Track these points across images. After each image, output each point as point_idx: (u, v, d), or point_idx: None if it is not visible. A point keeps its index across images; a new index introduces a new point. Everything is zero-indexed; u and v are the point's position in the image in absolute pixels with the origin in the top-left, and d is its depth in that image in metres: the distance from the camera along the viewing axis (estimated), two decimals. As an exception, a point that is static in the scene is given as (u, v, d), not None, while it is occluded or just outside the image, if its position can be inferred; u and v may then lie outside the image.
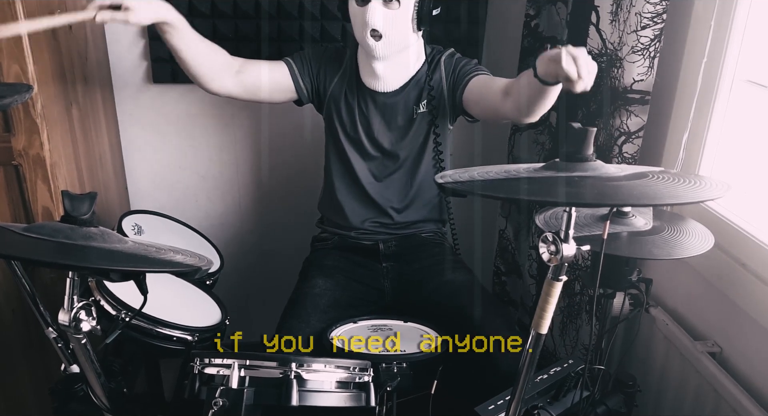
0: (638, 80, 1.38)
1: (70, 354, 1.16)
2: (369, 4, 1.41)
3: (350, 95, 1.59)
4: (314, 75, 1.59)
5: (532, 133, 1.82)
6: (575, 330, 1.67)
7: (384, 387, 1.17)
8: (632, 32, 1.34)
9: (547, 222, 1.16)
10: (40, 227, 0.93)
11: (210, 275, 1.58)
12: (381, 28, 1.42)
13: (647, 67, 1.36)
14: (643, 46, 1.34)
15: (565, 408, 1.25)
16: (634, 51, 1.35)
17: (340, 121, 1.61)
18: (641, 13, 1.32)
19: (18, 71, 1.31)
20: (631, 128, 1.42)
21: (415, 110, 1.58)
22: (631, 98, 1.39)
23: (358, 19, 1.45)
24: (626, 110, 1.41)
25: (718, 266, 1.32)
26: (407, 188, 1.66)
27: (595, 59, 1.45)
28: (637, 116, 1.40)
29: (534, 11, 1.75)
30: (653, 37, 1.33)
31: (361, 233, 1.69)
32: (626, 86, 1.39)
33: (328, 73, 1.60)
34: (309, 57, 1.60)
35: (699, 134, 1.38)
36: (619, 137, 1.43)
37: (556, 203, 1.05)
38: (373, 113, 1.59)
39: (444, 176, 0.92)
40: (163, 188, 2.09)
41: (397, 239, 1.69)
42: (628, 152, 1.43)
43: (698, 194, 0.86)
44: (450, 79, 1.56)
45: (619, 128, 1.43)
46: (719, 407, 1.27)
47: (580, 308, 1.63)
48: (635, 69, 1.37)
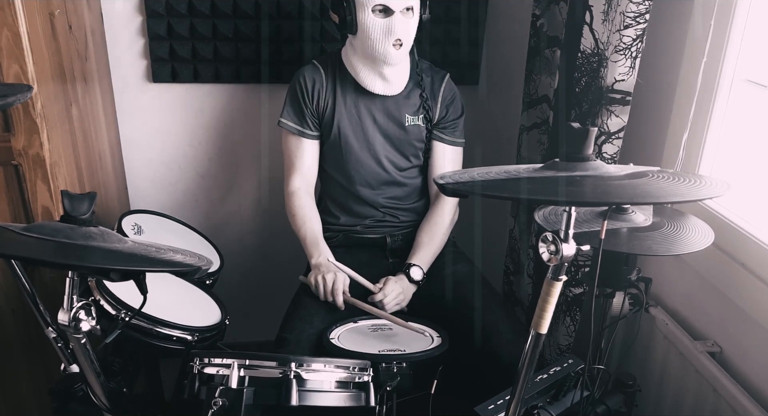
0: (619, 80, 1.36)
1: (69, 354, 1.16)
2: (393, 15, 1.47)
3: (344, 103, 1.62)
4: (314, 112, 1.63)
5: (536, 133, 1.82)
6: (556, 330, 1.68)
7: (384, 386, 1.17)
8: (616, 32, 1.33)
9: (546, 219, 1.15)
10: (40, 226, 0.93)
11: (210, 275, 1.58)
12: (404, 37, 1.49)
13: (629, 68, 1.35)
14: (625, 45, 1.33)
15: (565, 407, 1.25)
16: (617, 50, 1.34)
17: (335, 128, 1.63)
18: (625, 12, 1.30)
19: (18, 71, 1.31)
20: (611, 129, 1.40)
21: (407, 118, 1.63)
22: (612, 98, 1.38)
23: (377, 30, 1.48)
24: (607, 110, 1.40)
25: (717, 266, 1.32)
26: (404, 190, 1.70)
27: (588, 59, 1.46)
28: (617, 117, 1.39)
29: (540, 11, 1.75)
30: (635, 37, 1.32)
31: (367, 227, 1.70)
32: (608, 86, 1.38)
33: (321, 96, 1.62)
34: (296, 105, 1.63)
35: (699, 134, 1.38)
36: (599, 137, 1.42)
37: (557, 202, 1.05)
38: (370, 115, 1.62)
39: (444, 176, 0.92)
40: (163, 188, 2.09)
41: (403, 235, 1.72)
42: (608, 152, 1.42)
43: (698, 192, 0.86)
44: (441, 111, 1.66)
45: (600, 128, 1.42)
46: (719, 407, 1.27)
47: (558, 309, 1.64)
48: (617, 69, 1.35)
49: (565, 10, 1.60)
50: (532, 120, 1.84)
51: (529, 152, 1.87)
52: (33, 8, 1.32)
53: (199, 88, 1.97)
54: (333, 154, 1.66)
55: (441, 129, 1.67)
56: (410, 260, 1.61)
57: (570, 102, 1.54)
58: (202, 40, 1.87)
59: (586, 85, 1.48)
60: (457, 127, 1.68)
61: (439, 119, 1.66)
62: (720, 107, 1.34)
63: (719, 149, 1.38)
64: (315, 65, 1.64)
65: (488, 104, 2.06)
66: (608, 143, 1.42)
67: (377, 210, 1.69)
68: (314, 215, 1.67)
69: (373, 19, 1.48)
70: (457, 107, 1.68)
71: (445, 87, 1.66)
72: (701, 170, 1.40)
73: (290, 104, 1.64)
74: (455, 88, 1.69)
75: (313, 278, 1.54)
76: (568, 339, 1.65)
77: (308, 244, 1.61)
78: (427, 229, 1.67)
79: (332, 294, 1.51)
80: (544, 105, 1.78)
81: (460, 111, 1.69)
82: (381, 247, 1.71)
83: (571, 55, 1.52)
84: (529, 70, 1.84)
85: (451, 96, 1.67)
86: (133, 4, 1.84)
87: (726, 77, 1.32)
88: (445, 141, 1.68)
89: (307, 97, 1.61)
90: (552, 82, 1.69)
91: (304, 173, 1.66)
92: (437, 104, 1.65)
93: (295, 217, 1.65)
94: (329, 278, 1.51)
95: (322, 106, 1.62)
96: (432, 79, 1.65)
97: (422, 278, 1.59)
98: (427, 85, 1.64)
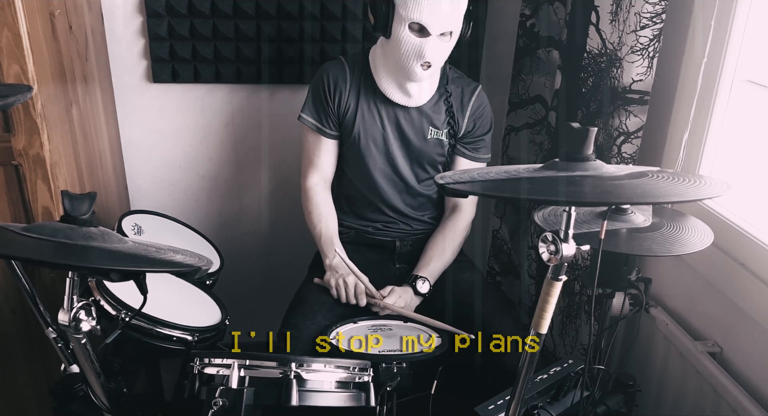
0: (637, 80, 1.37)
1: (70, 354, 1.16)
2: (429, 38, 1.42)
3: (367, 107, 1.58)
4: (335, 111, 1.59)
5: (528, 133, 1.82)
6: (575, 329, 1.67)
7: (384, 387, 1.17)
8: (631, 32, 1.34)
9: (546, 219, 1.15)
10: (40, 227, 0.93)
11: (210, 275, 1.58)
12: (434, 60, 1.45)
13: (646, 68, 1.36)
14: (642, 46, 1.34)
15: (565, 408, 1.25)
16: (633, 51, 1.35)
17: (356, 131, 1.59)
18: (640, 13, 1.32)
19: (18, 71, 1.31)
20: (630, 128, 1.41)
21: (431, 130, 1.59)
22: (630, 98, 1.39)
23: (409, 47, 1.43)
24: (625, 110, 1.40)
25: (717, 266, 1.32)
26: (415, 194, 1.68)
27: (594, 59, 1.46)
28: (636, 116, 1.40)
29: (530, 11, 1.75)
30: (652, 37, 1.33)
31: (378, 230, 1.69)
32: (625, 86, 1.39)
33: (342, 98, 1.58)
34: (318, 103, 1.59)
35: (699, 134, 1.38)
36: (618, 137, 1.43)
37: (557, 202, 1.05)
38: (392, 122, 1.59)
39: (444, 176, 0.92)
40: (163, 188, 2.09)
41: (413, 240, 1.70)
42: (627, 152, 1.43)
43: (698, 192, 0.86)
44: (468, 124, 1.61)
45: (618, 128, 1.43)
46: (719, 407, 1.27)
47: (579, 308, 1.63)
48: (634, 69, 1.36)
49: (560, 11, 1.61)
50: (522, 120, 1.84)
51: (519, 153, 1.87)
52: (33, 8, 1.32)
53: (199, 89, 1.97)
54: (351, 156, 1.62)
55: (465, 144, 1.62)
56: (418, 271, 1.58)
57: (577, 102, 1.55)
58: (203, 40, 1.87)
59: (594, 86, 1.48)
60: (482, 143, 1.63)
61: (465, 133, 1.61)
62: (720, 107, 1.34)
63: (719, 149, 1.38)
64: (342, 63, 1.59)
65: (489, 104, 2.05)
66: (628, 142, 1.42)
67: (391, 216, 1.68)
68: (331, 212, 1.64)
69: (408, 35, 1.42)
70: (485, 122, 1.62)
71: (476, 100, 1.60)
72: (701, 170, 1.40)
73: (312, 101, 1.60)
74: (486, 102, 1.62)
75: (333, 281, 1.52)
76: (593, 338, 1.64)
77: (323, 243, 1.59)
78: (440, 241, 1.64)
79: (355, 297, 1.50)
80: (537, 105, 1.78)
81: (488, 126, 1.63)
82: (390, 250, 1.70)
83: (576, 55, 1.53)
84: (517, 71, 1.84)
85: (480, 110, 1.61)
86: (133, 4, 1.84)
87: (726, 77, 1.32)
88: (466, 156, 1.63)
89: (329, 96, 1.57)
90: (547, 82, 1.69)
91: (321, 170, 1.64)
92: (464, 117, 1.59)
93: (311, 214, 1.62)
94: (350, 281, 1.50)
95: (344, 107, 1.58)
96: (462, 91, 1.59)
97: (428, 291, 1.56)
98: (455, 96, 1.58)
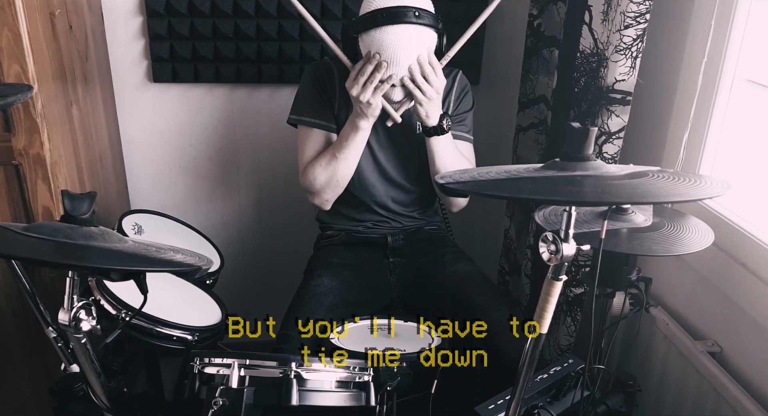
0: (620, 80, 1.36)
1: (70, 354, 1.16)
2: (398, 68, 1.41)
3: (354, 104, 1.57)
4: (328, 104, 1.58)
5: (534, 133, 1.82)
6: (556, 330, 1.68)
7: (384, 386, 1.17)
8: (616, 31, 1.33)
9: (546, 219, 1.15)
10: (40, 226, 0.93)
11: (210, 274, 1.58)
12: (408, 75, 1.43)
13: (629, 67, 1.35)
14: (626, 45, 1.33)
15: (565, 407, 1.25)
16: (617, 50, 1.34)
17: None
18: (625, 12, 1.30)
19: (18, 71, 1.31)
20: (611, 129, 1.40)
21: (418, 125, 1.58)
22: (612, 98, 1.38)
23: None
24: (607, 110, 1.39)
25: (718, 266, 1.32)
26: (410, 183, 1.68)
27: (587, 58, 1.46)
28: (618, 117, 1.39)
29: (537, 11, 1.75)
30: (635, 37, 1.32)
31: (369, 228, 1.70)
32: (609, 86, 1.38)
33: (331, 97, 1.58)
34: (316, 103, 1.58)
35: (699, 134, 1.38)
36: (600, 137, 1.42)
37: (558, 202, 1.05)
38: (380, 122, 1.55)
39: (444, 176, 0.92)
40: (163, 187, 2.09)
41: (405, 234, 1.71)
42: (609, 152, 1.42)
43: (699, 192, 0.86)
44: (453, 108, 1.61)
45: (600, 128, 1.42)
46: (719, 407, 1.27)
47: (559, 309, 1.64)
48: (617, 69, 1.35)
49: (563, 10, 1.60)
50: (529, 120, 1.84)
51: (526, 152, 1.87)
52: (33, 8, 1.32)
53: (199, 88, 1.97)
54: None
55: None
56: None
57: (569, 102, 1.55)
58: (203, 39, 1.87)
59: (585, 85, 1.48)
60: (464, 120, 1.64)
61: (452, 113, 1.62)
62: (720, 107, 1.34)
63: (719, 149, 1.38)
64: (327, 63, 1.60)
65: (488, 104, 2.06)
66: (609, 142, 1.42)
67: (381, 215, 1.69)
68: None
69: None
70: (468, 100, 1.65)
71: (458, 85, 1.63)
72: (702, 169, 1.40)
73: (310, 101, 1.58)
74: (467, 83, 1.65)
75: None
76: (569, 339, 1.65)
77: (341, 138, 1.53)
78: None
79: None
80: (541, 105, 1.78)
81: (471, 104, 1.65)
82: (383, 245, 1.70)
83: (570, 55, 1.53)
84: (526, 70, 1.84)
85: (464, 92, 1.64)
86: (133, 3, 1.84)
87: (726, 77, 1.32)
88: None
89: (323, 94, 1.58)
90: (550, 82, 1.69)
91: None
92: (450, 101, 1.62)
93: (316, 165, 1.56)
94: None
95: (335, 107, 1.59)
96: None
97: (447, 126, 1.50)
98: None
